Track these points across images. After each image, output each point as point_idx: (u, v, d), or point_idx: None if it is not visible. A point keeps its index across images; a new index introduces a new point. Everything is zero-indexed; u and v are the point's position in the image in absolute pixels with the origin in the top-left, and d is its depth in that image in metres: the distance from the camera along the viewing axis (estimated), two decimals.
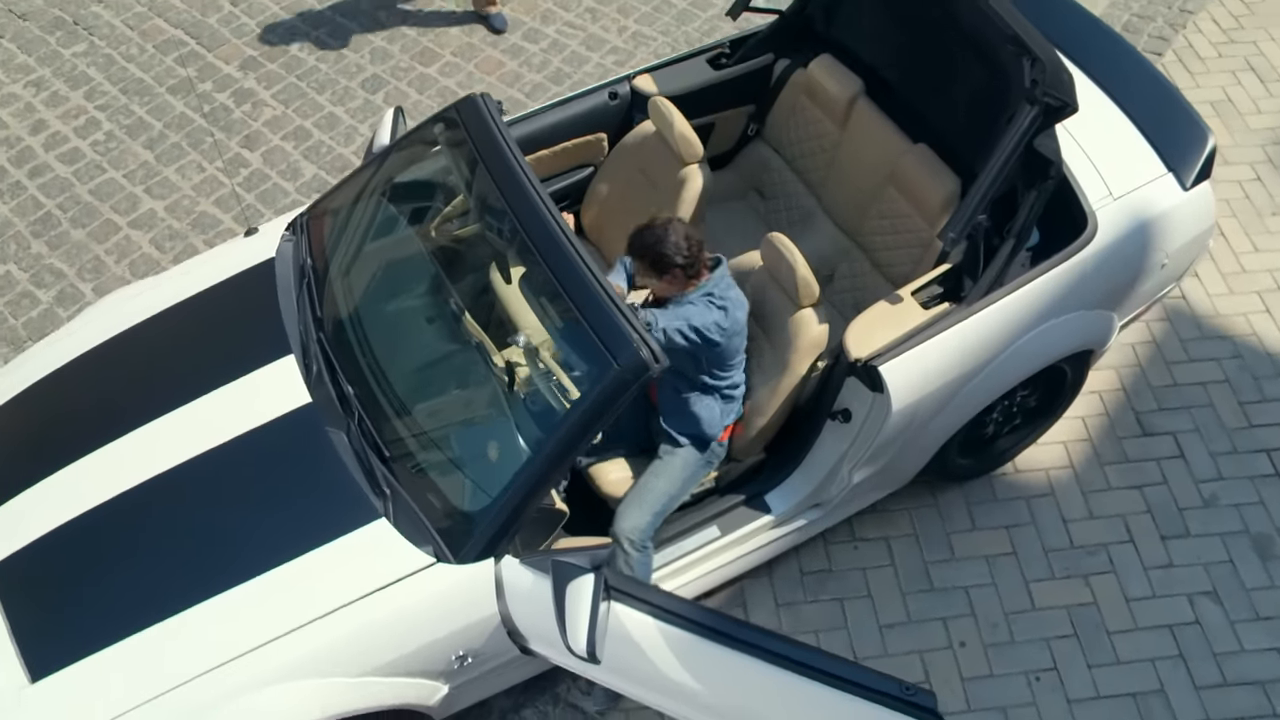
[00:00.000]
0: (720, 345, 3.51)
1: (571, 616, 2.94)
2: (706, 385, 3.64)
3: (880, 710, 2.90)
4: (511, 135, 3.48)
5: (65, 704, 3.07)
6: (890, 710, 2.90)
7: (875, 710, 2.91)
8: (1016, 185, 3.65)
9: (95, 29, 6.24)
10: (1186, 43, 6.02)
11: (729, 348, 3.56)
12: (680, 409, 3.68)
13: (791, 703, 2.98)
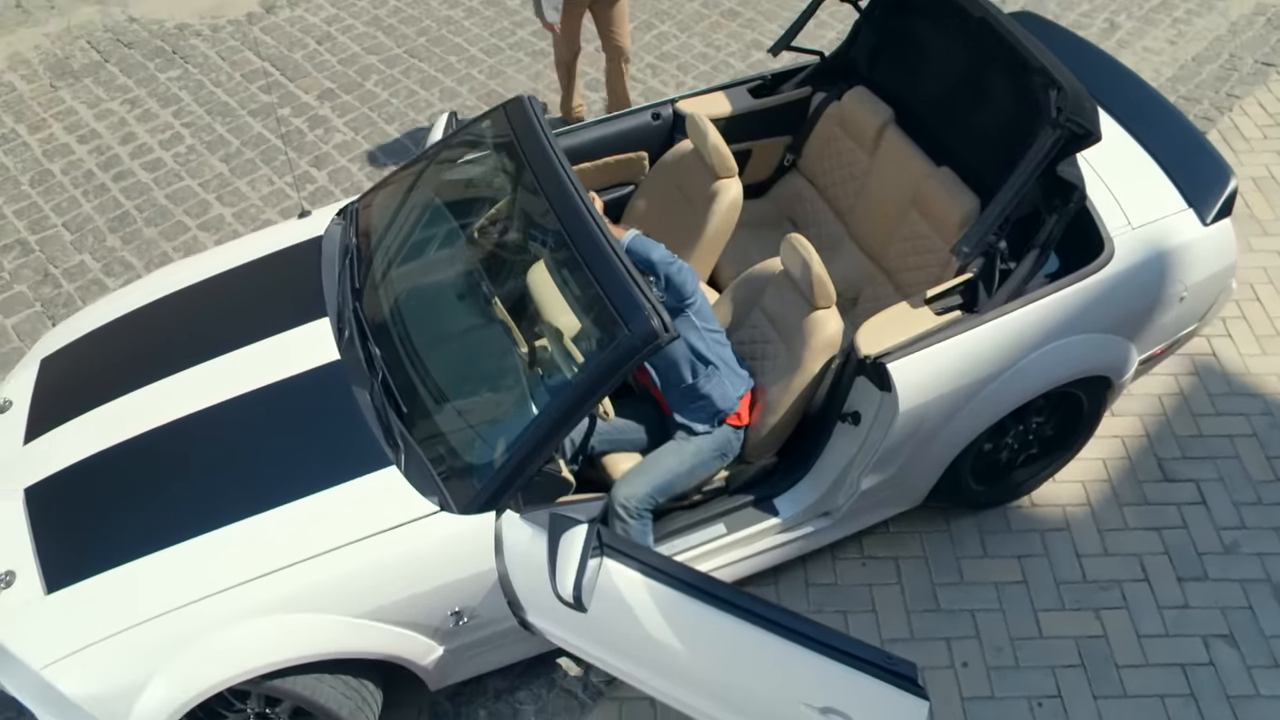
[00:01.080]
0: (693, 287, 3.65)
1: (562, 564, 3.00)
2: (708, 367, 3.71)
3: (863, 676, 2.90)
4: (552, 133, 3.69)
5: (74, 614, 3.19)
6: (873, 677, 2.89)
7: (858, 676, 2.90)
8: (1039, 209, 3.76)
9: (190, 58, 6.72)
10: (1232, 124, 6.12)
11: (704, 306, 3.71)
12: (690, 398, 3.76)
13: (777, 665, 2.98)
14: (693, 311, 3.71)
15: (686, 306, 3.68)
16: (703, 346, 3.72)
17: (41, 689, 3.31)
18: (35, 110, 6.35)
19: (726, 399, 3.74)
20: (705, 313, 3.75)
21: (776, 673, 2.99)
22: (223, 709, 3.46)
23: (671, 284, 3.62)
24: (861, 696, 2.91)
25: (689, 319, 3.71)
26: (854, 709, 2.92)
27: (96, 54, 6.76)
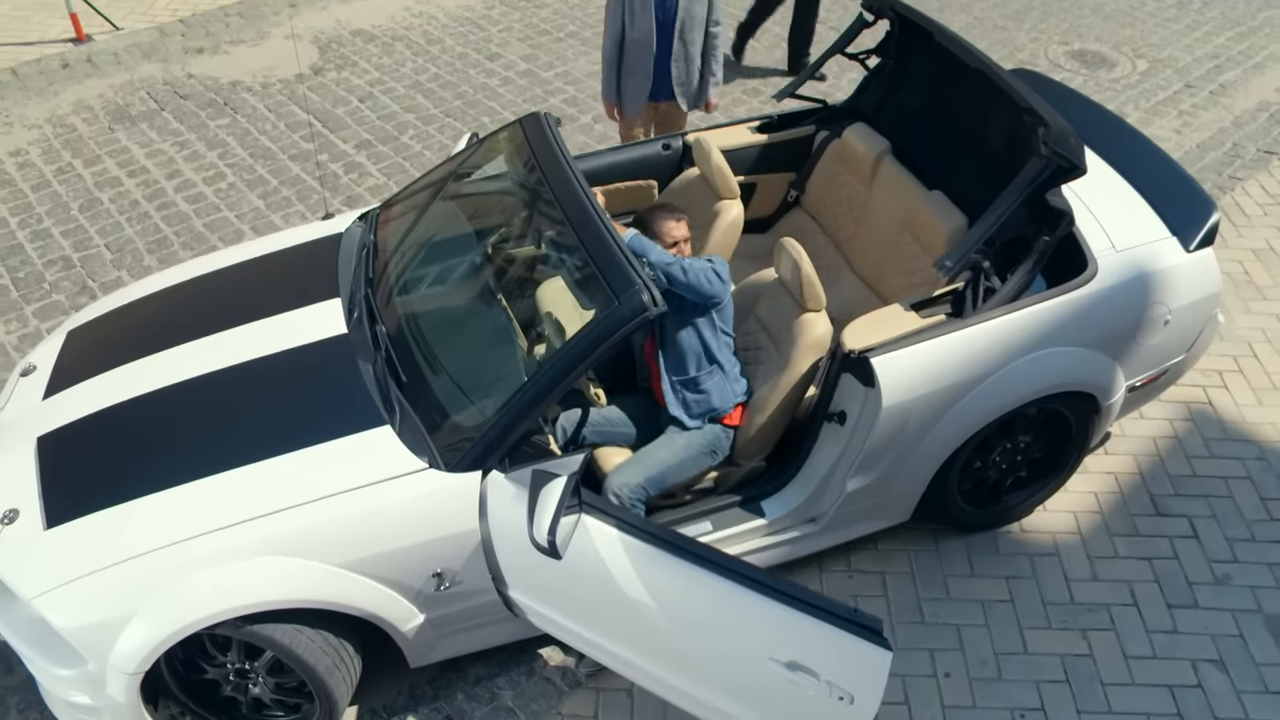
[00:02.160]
0: (721, 299, 3.75)
1: (540, 511, 3.08)
2: (708, 366, 3.83)
3: (828, 628, 2.92)
4: (564, 143, 3.92)
5: (69, 549, 3.30)
6: (837, 629, 2.91)
7: (823, 628, 2.93)
8: (1027, 234, 3.92)
9: (240, 109, 7.14)
10: (1234, 202, 6.30)
11: (725, 315, 3.81)
12: (689, 389, 3.86)
13: (746, 619, 3.01)
14: (716, 311, 3.82)
15: (712, 305, 3.79)
16: (715, 346, 3.83)
17: (31, 625, 3.40)
18: (92, 148, 6.75)
19: (724, 399, 3.85)
20: (726, 315, 3.87)
21: (745, 627, 3.02)
22: (204, 662, 3.51)
23: (677, 281, 3.71)
24: (826, 649, 2.92)
25: (710, 317, 3.81)
26: (818, 662, 2.93)
27: (154, 103, 7.20)
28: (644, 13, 5.00)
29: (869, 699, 2.90)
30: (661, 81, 5.24)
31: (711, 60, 5.28)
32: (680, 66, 5.19)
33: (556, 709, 3.76)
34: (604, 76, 5.34)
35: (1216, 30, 8.46)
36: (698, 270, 3.71)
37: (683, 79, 5.22)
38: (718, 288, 3.73)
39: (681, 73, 5.20)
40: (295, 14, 8.29)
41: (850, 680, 2.90)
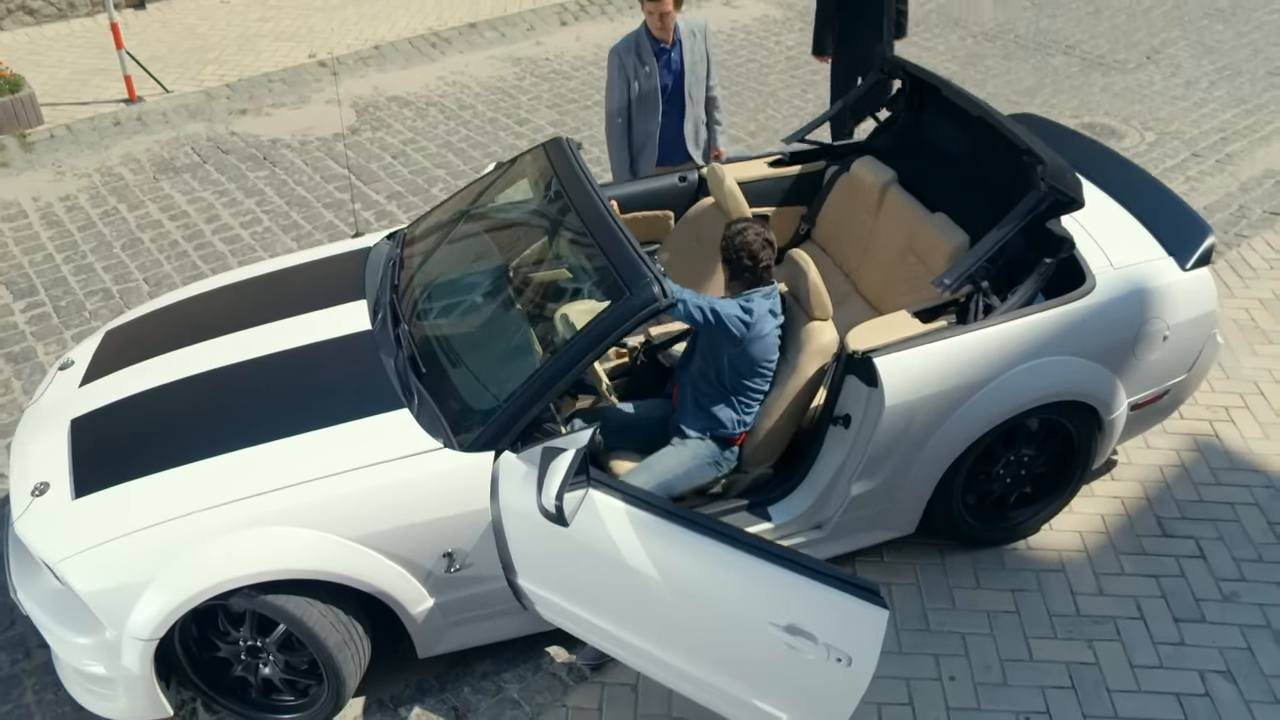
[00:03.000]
0: (740, 342, 3.84)
1: (549, 480, 3.19)
2: (726, 390, 3.95)
3: (826, 589, 2.98)
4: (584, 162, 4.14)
5: (94, 516, 3.43)
6: (835, 589, 2.97)
7: (821, 589, 2.99)
8: (1029, 257, 4.08)
9: (279, 163, 7.49)
10: (1240, 257, 6.43)
11: (750, 353, 3.87)
12: (698, 411, 3.98)
13: (747, 582, 3.08)
14: (749, 342, 3.84)
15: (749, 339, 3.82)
16: (737, 372, 3.90)
17: (52, 596, 3.51)
18: (136, 194, 7.08)
19: (730, 424, 3.94)
20: (757, 350, 3.87)
21: (747, 592, 3.08)
22: (217, 638, 3.59)
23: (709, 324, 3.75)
24: (824, 610, 2.98)
25: (744, 347, 3.85)
26: (817, 624, 2.98)
27: (197, 157, 7.57)
28: (650, 87, 5.20)
29: (866, 660, 2.94)
30: (673, 143, 5.41)
31: (715, 112, 5.51)
32: (691, 124, 5.40)
33: (561, 702, 3.79)
34: (614, 162, 5.45)
35: (1223, 107, 8.71)
36: (725, 316, 3.75)
37: (694, 135, 5.42)
38: (739, 332, 3.78)
39: (693, 130, 5.40)
40: (336, 81, 8.72)
41: (848, 641, 2.95)
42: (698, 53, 5.25)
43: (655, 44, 5.16)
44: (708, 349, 3.96)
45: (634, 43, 5.16)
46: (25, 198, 7.01)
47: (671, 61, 5.21)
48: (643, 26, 5.17)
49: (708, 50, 5.31)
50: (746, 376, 3.91)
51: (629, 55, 5.16)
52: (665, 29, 5.10)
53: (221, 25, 9.59)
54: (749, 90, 8.62)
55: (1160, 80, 9.17)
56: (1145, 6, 10.93)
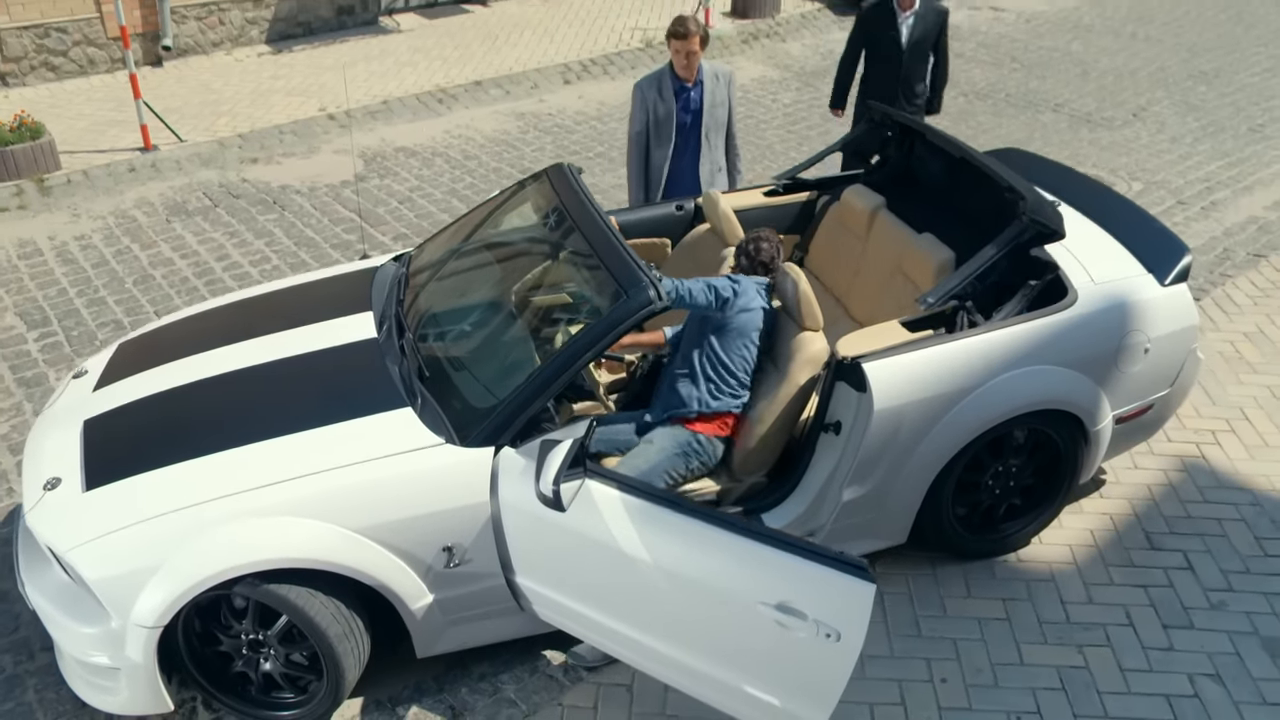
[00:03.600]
0: (726, 306, 3.98)
1: (546, 466, 3.29)
2: (699, 370, 4.05)
3: (814, 565, 3.07)
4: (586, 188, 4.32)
5: (104, 508, 3.52)
6: (823, 565, 3.06)
7: (810, 566, 3.07)
8: (1014, 280, 4.26)
9: (288, 206, 7.70)
10: (1225, 294, 6.59)
11: (734, 324, 4.01)
12: (673, 394, 4.09)
13: (738, 563, 3.16)
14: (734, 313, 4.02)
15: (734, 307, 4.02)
16: (722, 346, 4.04)
17: (60, 588, 3.59)
18: (149, 235, 7.28)
19: (692, 401, 4.03)
20: (743, 322, 4.04)
21: (738, 573, 3.16)
22: (219, 631, 3.65)
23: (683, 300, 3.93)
24: (813, 586, 3.05)
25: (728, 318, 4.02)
26: (806, 600, 3.06)
27: (209, 201, 7.79)
28: (668, 123, 5.41)
29: (854, 634, 3.01)
30: (688, 183, 5.57)
31: (735, 159, 5.69)
32: (707, 168, 5.59)
33: (557, 701, 3.83)
34: (632, 185, 5.63)
35: (1207, 160, 8.96)
36: (710, 283, 3.97)
37: (709, 178, 5.59)
38: (726, 295, 3.98)
39: (709, 174, 5.58)
40: (345, 133, 8.99)
41: (836, 616, 3.02)
42: (718, 96, 5.44)
43: (677, 81, 5.36)
44: (694, 334, 4.09)
45: (657, 78, 5.39)
46: (41, 237, 7.21)
47: (691, 100, 5.41)
48: (668, 64, 5.39)
49: (729, 97, 5.49)
50: (726, 353, 4.02)
51: (650, 89, 5.37)
52: (689, 68, 5.31)
53: (235, 81, 9.91)
54: (747, 144, 8.87)
55: (1146, 135, 9.44)
56: (1131, 69, 11.27)
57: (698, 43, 5.24)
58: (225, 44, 10.53)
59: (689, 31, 5.20)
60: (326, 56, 10.61)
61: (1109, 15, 13.30)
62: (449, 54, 10.81)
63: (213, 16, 10.34)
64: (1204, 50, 12.01)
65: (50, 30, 9.42)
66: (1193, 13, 13.52)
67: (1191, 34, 12.61)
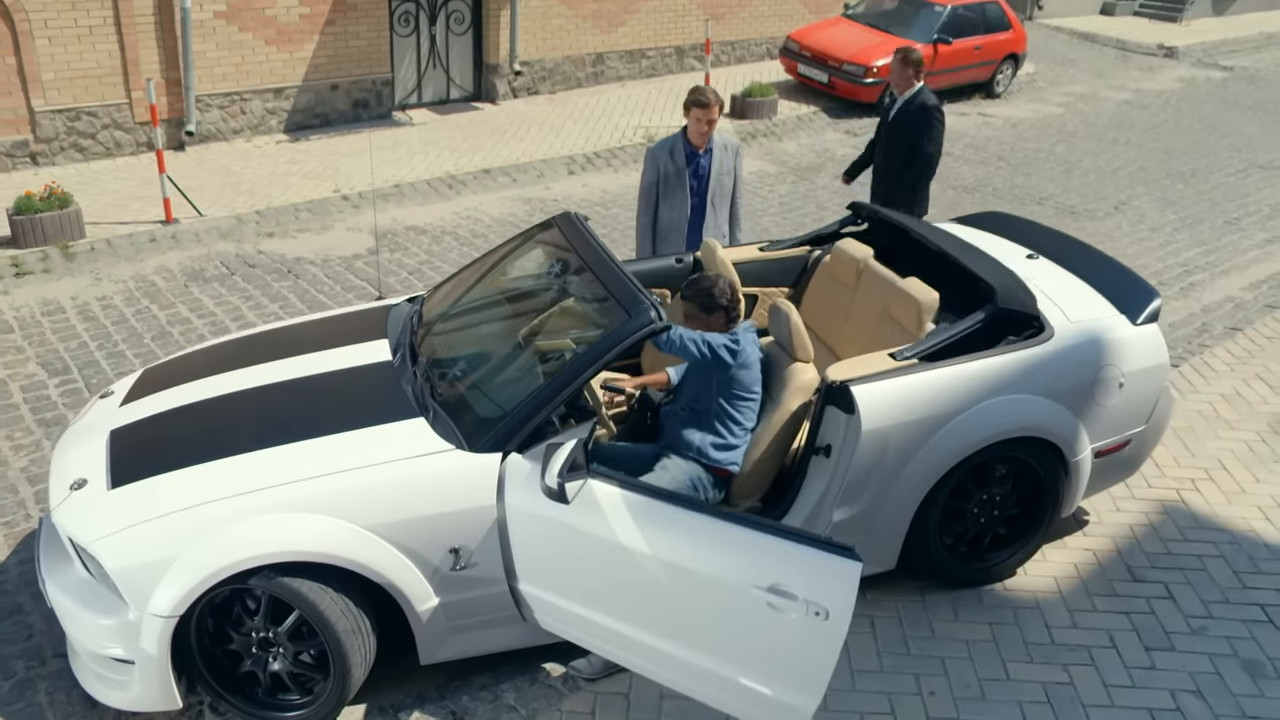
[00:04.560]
0: (730, 368, 4.21)
1: (551, 463, 3.49)
2: (712, 418, 4.28)
3: (802, 548, 3.24)
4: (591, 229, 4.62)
5: (127, 505, 3.70)
6: (811, 548, 3.23)
7: (798, 549, 3.24)
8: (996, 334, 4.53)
9: (302, 275, 8.02)
10: (1204, 362, 6.85)
11: (739, 377, 4.24)
12: (687, 438, 4.31)
13: (732, 548, 3.33)
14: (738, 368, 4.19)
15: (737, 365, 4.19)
16: (727, 398, 4.23)
17: (79, 584, 3.74)
18: (168, 297, 7.57)
19: (715, 450, 4.23)
20: (747, 376, 4.23)
21: (732, 560, 3.32)
22: (231, 629, 3.78)
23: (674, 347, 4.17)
24: (801, 567, 3.22)
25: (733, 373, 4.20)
26: (795, 580, 3.21)
27: (226, 269, 8.11)
28: (679, 183, 5.75)
29: (842, 611, 3.16)
30: (690, 244, 5.87)
31: (737, 231, 6.03)
32: (711, 233, 5.90)
33: (556, 707, 3.93)
34: (639, 234, 5.96)
35: (1185, 248, 9.35)
36: (715, 345, 4.14)
37: None
38: (728, 359, 4.14)
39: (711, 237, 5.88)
40: (358, 212, 9.38)
41: (825, 595, 3.18)
42: (725, 165, 5.79)
43: (689, 147, 5.73)
44: (697, 382, 4.31)
45: (670, 143, 5.76)
46: (64, 296, 7.49)
47: (700, 167, 5.76)
48: (681, 131, 5.76)
49: (736, 168, 5.85)
50: (731, 403, 4.23)
51: (662, 152, 5.75)
52: (704, 135, 5.67)
53: (254, 165, 10.36)
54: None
55: (1127, 226, 9.85)
56: (1113, 168, 11.79)
57: (717, 112, 5.63)
58: (245, 132, 11.03)
59: (709, 101, 5.59)
60: (342, 145, 11.09)
61: (1091, 122, 13.93)
62: (459, 145, 11.31)
63: (235, 106, 10.86)
64: (1181, 154, 12.57)
65: (81, 114, 9.90)
66: (1170, 121, 14.17)
67: (1169, 140, 13.20)
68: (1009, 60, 14.70)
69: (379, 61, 11.74)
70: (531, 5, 12.69)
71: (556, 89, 13.46)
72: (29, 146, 9.73)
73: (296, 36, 11.02)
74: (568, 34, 13.27)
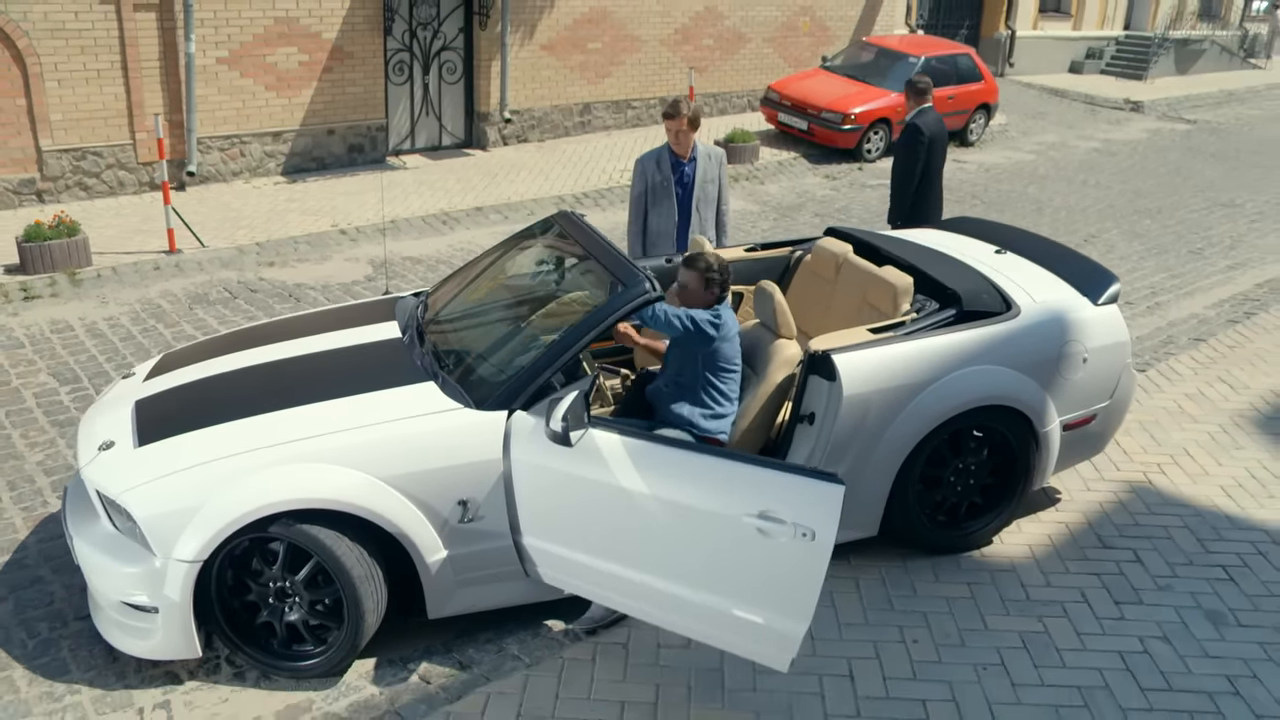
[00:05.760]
0: (714, 340, 4.50)
1: (555, 409, 3.75)
2: (697, 389, 4.55)
3: (789, 476, 3.50)
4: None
5: (154, 460, 3.93)
6: (796, 475, 3.48)
7: (785, 477, 3.50)
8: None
9: (303, 299, 8.30)
10: (1170, 367, 7.17)
11: (722, 350, 4.53)
12: (677, 410, 4.57)
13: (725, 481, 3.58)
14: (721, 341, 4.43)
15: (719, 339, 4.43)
16: (712, 370, 4.48)
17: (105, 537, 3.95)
18: (173, 318, 7.83)
19: (703, 420, 4.48)
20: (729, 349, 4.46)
21: (725, 489, 3.57)
22: (250, 580, 3.99)
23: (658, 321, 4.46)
24: (789, 493, 3.47)
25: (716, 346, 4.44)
26: (783, 505, 3.46)
27: (229, 294, 8.38)
28: (665, 192, 6.10)
29: (826, 531, 3.41)
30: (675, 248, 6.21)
31: (722, 234, 6.37)
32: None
33: (558, 655, 4.13)
34: (630, 236, 6.28)
35: (1152, 273, 9.76)
36: (699, 320, 4.39)
37: None
38: (712, 332, 4.38)
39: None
40: (355, 245, 9.69)
41: (811, 516, 3.42)
42: (709, 173, 6.16)
43: (674, 157, 6.09)
44: (682, 356, 4.58)
45: (656, 153, 6.13)
46: (72, 317, 7.74)
47: (685, 175, 6.12)
48: (666, 143, 6.14)
49: (720, 175, 6.22)
50: (716, 375, 4.50)
51: (650, 161, 6.11)
52: (682, 145, 6.04)
53: (253, 203, 10.69)
54: None
55: (1097, 254, 10.26)
56: (1083, 207, 12.26)
57: (685, 123, 5.99)
58: (244, 173, 11.39)
59: (679, 113, 5.96)
60: (338, 186, 11.46)
61: (1061, 167, 14.48)
62: (451, 187, 11.69)
63: (235, 148, 11.23)
64: (1148, 194, 13.08)
65: (87, 153, 10.24)
66: (1137, 166, 14.73)
67: (1136, 182, 13.74)
68: (981, 110, 15.28)
69: (374, 108, 12.17)
70: (521, 56, 13.20)
71: (545, 137, 13.91)
72: (36, 184, 10.05)
73: (295, 83, 11.45)
74: (556, 84, 13.77)
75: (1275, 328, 7.98)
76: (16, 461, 5.60)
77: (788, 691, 3.94)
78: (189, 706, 3.92)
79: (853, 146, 13.84)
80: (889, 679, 4.02)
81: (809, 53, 16.34)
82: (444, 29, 12.65)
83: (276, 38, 11.13)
